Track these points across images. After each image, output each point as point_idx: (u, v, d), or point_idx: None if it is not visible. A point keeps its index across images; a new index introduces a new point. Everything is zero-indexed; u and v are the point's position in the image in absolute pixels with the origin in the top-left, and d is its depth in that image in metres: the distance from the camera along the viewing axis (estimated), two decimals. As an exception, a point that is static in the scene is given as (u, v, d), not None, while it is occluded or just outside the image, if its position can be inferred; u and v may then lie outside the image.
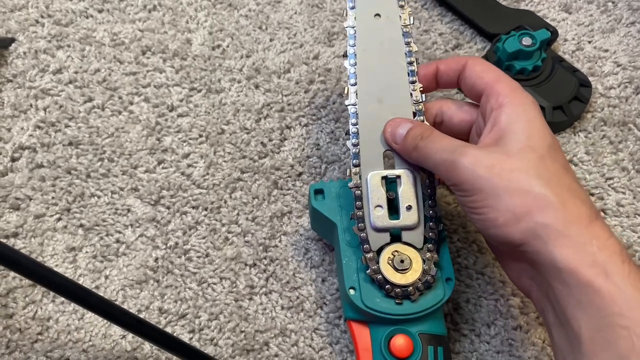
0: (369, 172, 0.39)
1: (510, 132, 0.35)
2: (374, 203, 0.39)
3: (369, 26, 0.43)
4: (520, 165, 0.33)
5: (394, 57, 0.42)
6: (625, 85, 0.53)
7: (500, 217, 0.33)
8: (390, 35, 0.42)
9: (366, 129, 0.40)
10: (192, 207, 0.48)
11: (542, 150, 0.34)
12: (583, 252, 0.31)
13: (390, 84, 0.41)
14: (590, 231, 0.32)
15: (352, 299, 0.38)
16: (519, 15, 0.56)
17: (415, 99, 0.41)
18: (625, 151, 0.50)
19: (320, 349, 0.43)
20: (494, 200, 0.33)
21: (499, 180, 0.33)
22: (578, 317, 0.31)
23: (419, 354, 0.37)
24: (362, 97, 0.41)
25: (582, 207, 0.33)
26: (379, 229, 0.38)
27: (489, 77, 0.38)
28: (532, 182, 0.33)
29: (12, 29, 0.55)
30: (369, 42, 0.42)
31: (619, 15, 0.57)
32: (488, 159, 0.34)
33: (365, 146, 0.40)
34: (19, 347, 0.42)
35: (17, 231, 0.46)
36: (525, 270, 0.35)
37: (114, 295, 0.45)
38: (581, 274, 0.30)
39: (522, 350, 0.42)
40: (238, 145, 0.51)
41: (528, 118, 0.35)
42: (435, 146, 0.36)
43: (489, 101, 0.37)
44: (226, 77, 0.54)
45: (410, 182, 0.39)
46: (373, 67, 0.42)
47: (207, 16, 0.57)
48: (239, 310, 0.44)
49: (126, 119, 0.52)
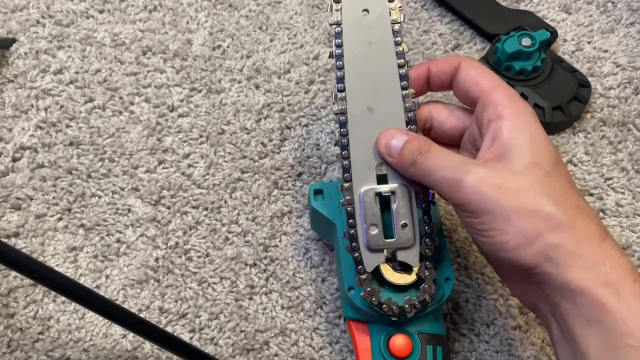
0: (362, 188, 0.37)
1: (513, 147, 0.33)
2: (369, 222, 0.37)
3: (356, 24, 0.39)
4: (528, 185, 0.32)
5: (384, 59, 0.38)
6: (624, 86, 0.53)
7: (511, 240, 0.31)
8: (379, 34, 0.39)
9: (357, 139, 0.37)
10: (192, 207, 0.48)
11: (548, 166, 0.33)
12: (595, 272, 0.30)
13: (381, 89, 0.38)
14: (602, 250, 0.31)
15: (351, 298, 0.38)
16: (518, 15, 0.56)
17: (408, 107, 0.38)
18: (625, 151, 0.50)
19: (320, 349, 0.43)
20: (503, 223, 0.32)
21: (507, 200, 0.31)
22: (586, 335, 0.30)
23: (418, 353, 0.37)
24: (351, 104, 0.38)
25: (592, 225, 0.32)
26: (373, 249, 0.37)
27: (485, 84, 0.36)
28: (540, 201, 0.32)
29: (13, 30, 0.56)
30: (356, 42, 0.39)
31: (618, 15, 0.57)
32: (494, 178, 0.32)
33: (357, 159, 0.37)
34: (20, 347, 0.42)
35: (18, 231, 0.47)
36: (531, 289, 0.34)
37: (114, 295, 0.45)
38: (593, 294, 0.30)
39: (522, 350, 0.43)
40: (238, 145, 0.51)
41: (531, 132, 0.34)
42: (436, 163, 0.34)
43: (486, 110, 0.35)
44: (226, 78, 0.54)
45: (406, 198, 0.37)
46: (362, 71, 0.38)
47: (207, 17, 0.57)
48: (239, 309, 0.44)
49: (127, 119, 0.52)
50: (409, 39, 0.56)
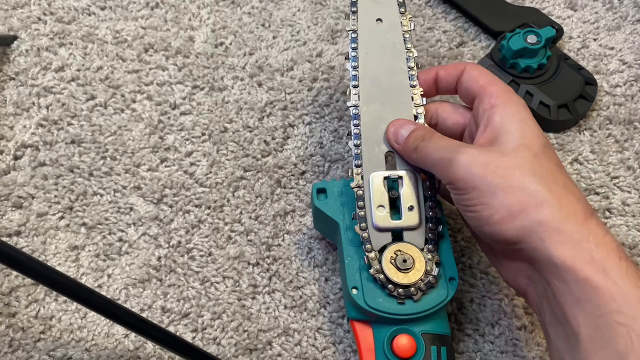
0: (371, 173, 0.40)
1: (504, 131, 0.35)
2: (376, 203, 0.39)
3: (370, 30, 0.43)
4: (515, 163, 0.34)
5: (395, 60, 0.43)
6: (631, 84, 0.53)
7: (495, 214, 0.33)
8: (391, 40, 0.43)
9: (368, 130, 0.41)
10: (195, 205, 0.48)
11: (537, 148, 0.34)
12: (580, 249, 0.31)
13: (392, 86, 0.42)
14: (586, 228, 0.32)
15: (354, 298, 0.38)
16: (523, 12, 0.55)
17: (416, 102, 0.41)
18: (631, 150, 0.50)
19: (324, 349, 0.43)
20: (488, 198, 0.33)
21: (494, 177, 0.33)
22: (576, 314, 0.31)
23: (422, 353, 0.37)
24: (363, 98, 0.42)
25: (578, 204, 0.33)
26: (381, 229, 0.39)
27: (483, 80, 0.38)
28: (527, 179, 0.33)
29: (14, 27, 0.55)
30: (370, 45, 0.43)
31: (624, 12, 0.57)
32: (483, 157, 0.34)
33: (367, 147, 0.40)
34: (21, 346, 0.42)
35: (19, 229, 0.46)
36: (522, 270, 0.35)
37: (116, 294, 0.44)
38: (579, 271, 0.30)
39: (527, 351, 0.42)
40: (241, 143, 0.50)
41: (521, 118, 0.36)
42: (434, 145, 0.37)
43: (482, 102, 0.37)
44: (229, 75, 0.54)
45: (412, 183, 0.39)
46: (374, 69, 0.42)
47: (209, 13, 0.57)
48: (242, 309, 0.44)
49: (129, 117, 0.51)
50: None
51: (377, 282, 0.38)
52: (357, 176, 0.40)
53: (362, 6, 0.44)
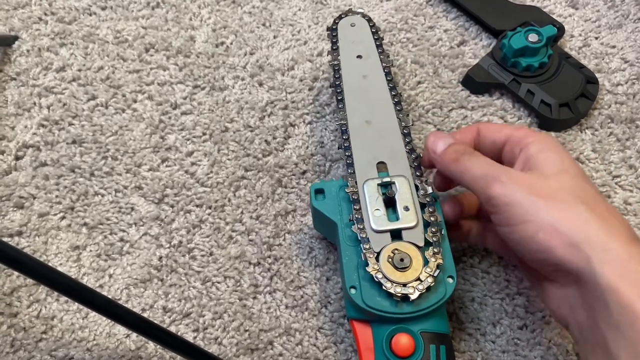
0: (365, 179, 0.41)
1: (543, 159, 0.36)
2: (372, 207, 0.40)
3: (351, 64, 0.47)
4: (559, 185, 0.34)
5: (377, 87, 0.46)
6: (632, 82, 0.53)
7: (540, 230, 0.33)
8: (372, 72, 0.46)
9: (358, 143, 0.43)
10: (196, 205, 0.48)
11: (577, 174, 0.35)
12: (624, 269, 0.30)
13: (376, 108, 0.44)
14: (632, 248, 0.31)
15: (352, 297, 0.38)
16: (525, 11, 0.55)
17: (404, 125, 0.44)
18: (633, 148, 0.50)
19: (325, 348, 0.43)
20: (533, 215, 0.33)
21: (539, 196, 0.34)
22: (617, 339, 0.30)
23: (421, 352, 0.37)
24: (350, 117, 0.44)
25: (621, 227, 0.33)
26: (378, 231, 0.39)
27: (506, 129, 0.39)
28: (571, 199, 0.33)
29: (15, 27, 0.55)
30: (353, 75, 0.46)
31: (626, 10, 0.57)
32: (527, 178, 0.35)
33: (359, 157, 0.42)
34: (23, 346, 0.42)
35: (21, 230, 0.46)
36: (565, 297, 0.35)
37: (118, 294, 0.45)
38: (622, 294, 0.30)
39: (528, 350, 0.42)
40: (242, 143, 0.50)
41: (557, 149, 0.37)
42: (478, 161, 0.37)
43: (516, 143, 0.38)
44: (230, 75, 0.54)
45: (406, 187, 0.40)
46: (359, 94, 0.45)
47: (210, 13, 0.57)
48: (243, 309, 0.44)
49: (130, 117, 0.51)
50: (413, 34, 0.56)
51: (375, 281, 0.38)
52: (352, 182, 0.41)
53: (342, 45, 0.48)
